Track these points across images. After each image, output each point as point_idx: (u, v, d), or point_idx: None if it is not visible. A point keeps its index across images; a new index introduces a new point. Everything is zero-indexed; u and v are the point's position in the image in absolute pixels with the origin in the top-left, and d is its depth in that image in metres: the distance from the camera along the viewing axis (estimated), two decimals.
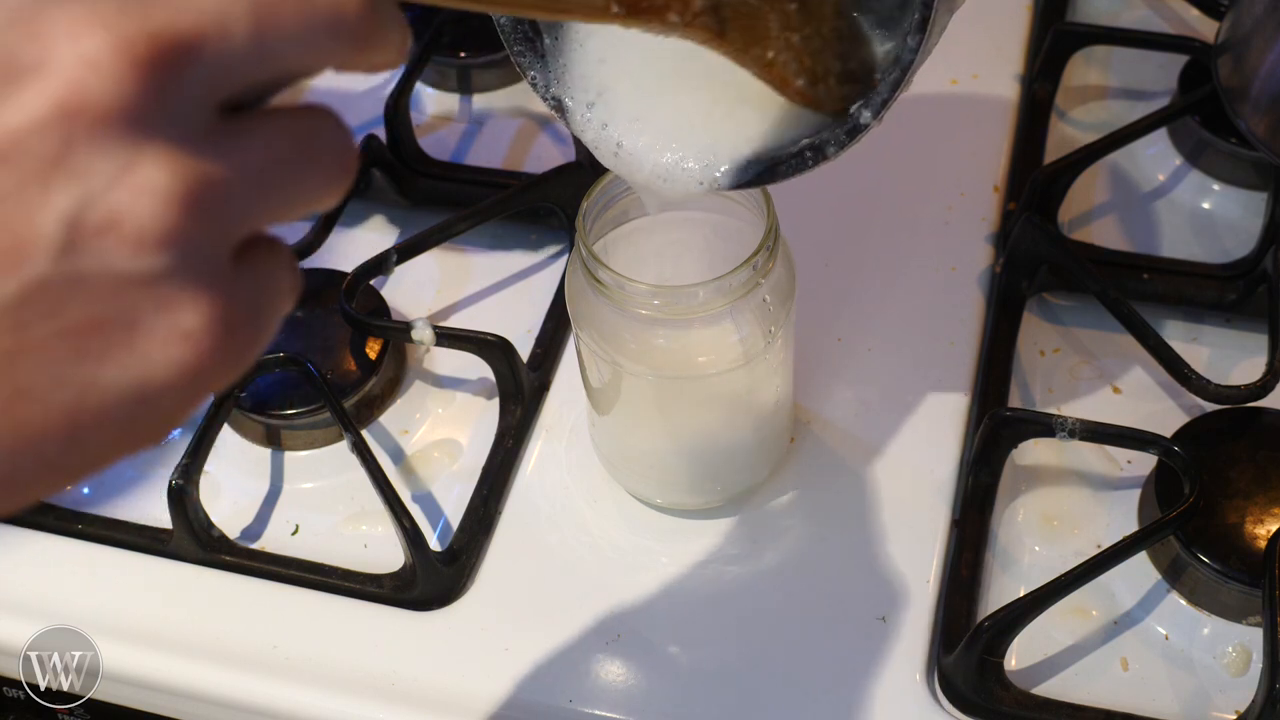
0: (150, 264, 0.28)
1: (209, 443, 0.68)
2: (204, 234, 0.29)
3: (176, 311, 0.29)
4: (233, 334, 0.30)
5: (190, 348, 0.30)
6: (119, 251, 0.28)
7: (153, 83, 0.28)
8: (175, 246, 0.28)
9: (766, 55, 0.46)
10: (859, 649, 0.63)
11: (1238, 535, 0.63)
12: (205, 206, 0.29)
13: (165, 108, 0.28)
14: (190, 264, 0.29)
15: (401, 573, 0.66)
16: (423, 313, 0.78)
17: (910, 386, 0.72)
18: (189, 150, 0.29)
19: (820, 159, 0.49)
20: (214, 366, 0.30)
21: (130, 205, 0.28)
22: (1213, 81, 0.77)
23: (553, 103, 0.53)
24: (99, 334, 0.29)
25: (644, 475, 0.68)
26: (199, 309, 0.29)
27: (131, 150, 0.28)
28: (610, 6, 0.38)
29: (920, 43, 0.45)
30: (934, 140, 0.82)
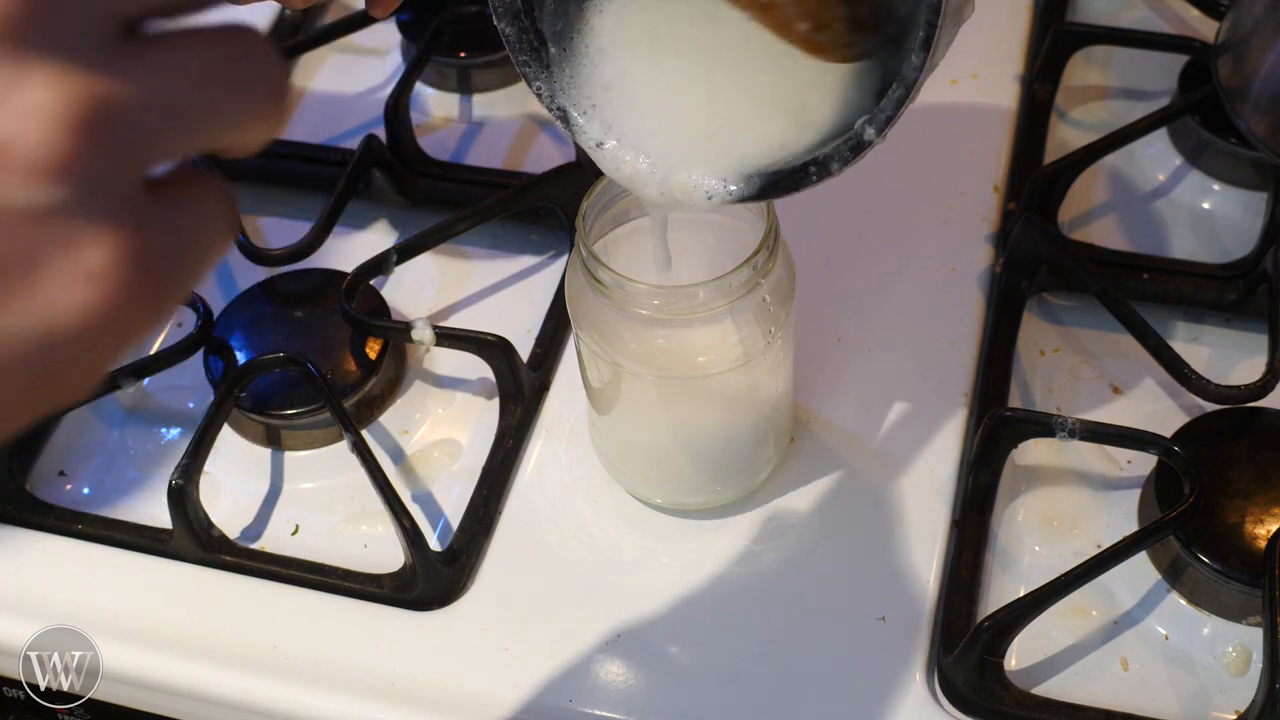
0: (45, 195, 0.26)
1: (209, 443, 0.68)
2: (106, 161, 0.26)
3: (79, 248, 0.26)
4: (147, 273, 0.27)
5: (97, 288, 0.27)
6: (7, 182, 0.25)
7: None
8: (73, 176, 0.26)
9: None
10: (859, 649, 0.63)
11: (1238, 535, 0.63)
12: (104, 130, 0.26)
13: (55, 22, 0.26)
14: (93, 195, 0.26)
15: (401, 573, 0.66)
16: (423, 313, 0.78)
17: (910, 386, 0.72)
18: (83, 69, 0.26)
19: (825, 175, 0.48)
20: (127, 309, 0.27)
21: (16, 130, 0.25)
22: (1213, 81, 0.77)
23: (558, 113, 0.53)
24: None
25: (644, 475, 0.68)
26: (104, 245, 0.27)
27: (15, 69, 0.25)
28: None
29: (924, 60, 0.45)
30: (934, 140, 0.82)
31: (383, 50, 0.93)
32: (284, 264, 0.76)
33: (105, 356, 0.28)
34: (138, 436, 0.74)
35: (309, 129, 0.88)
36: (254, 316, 0.75)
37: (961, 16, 0.49)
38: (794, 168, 0.49)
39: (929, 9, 0.44)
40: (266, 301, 0.76)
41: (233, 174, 0.81)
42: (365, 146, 0.80)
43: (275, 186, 0.85)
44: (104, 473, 0.73)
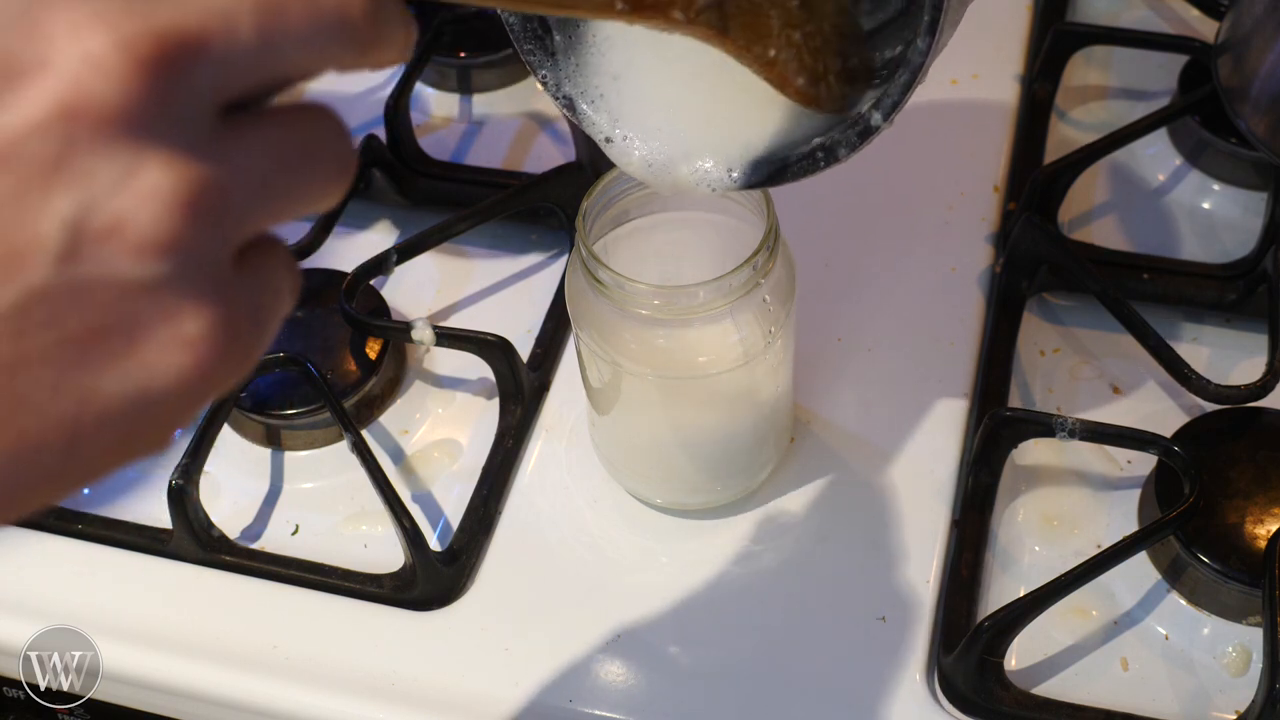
0: (153, 270, 0.28)
1: (209, 443, 0.68)
2: (206, 239, 0.29)
3: (179, 318, 0.29)
4: (235, 339, 0.30)
5: (192, 354, 0.29)
6: (121, 258, 0.27)
7: (156, 84, 0.27)
8: (178, 252, 0.28)
9: (768, 53, 0.46)
10: (859, 649, 0.63)
11: (1238, 535, 0.63)
12: (208, 211, 0.28)
13: (168, 109, 0.28)
14: (192, 269, 0.28)
15: (401, 573, 0.66)
16: (423, 313, 0.78)
17: (910, 386, 0.72)
18: (192, 153, 0.28)
19: (832, 160, 0.49)
20: (216, 372, 0.30)
21: (133, 210, 0.27)
22: (1213, 81, 0.77)
23: (564, 101, 0.53)
24: (100, 341, 0.28)
25: (644, 475, 0.68)
26: (201, 315, 0.29)
27: (134, 153, 0.27)
28: (615, 3, 0.38)
29: (930, 45, 0.45)
30: (934, 140, 0.82)
31: None
32: None
33: (189, 414, 0.31)
34: None
35: None
36: None
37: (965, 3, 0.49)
38: (802, 153, 0.49)
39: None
40: None
41: None
42: (365, 146, 0.80)
43: None
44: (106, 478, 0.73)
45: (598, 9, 0.38)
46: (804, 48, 0.47)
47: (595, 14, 0.39)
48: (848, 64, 0.50)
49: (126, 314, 0.28)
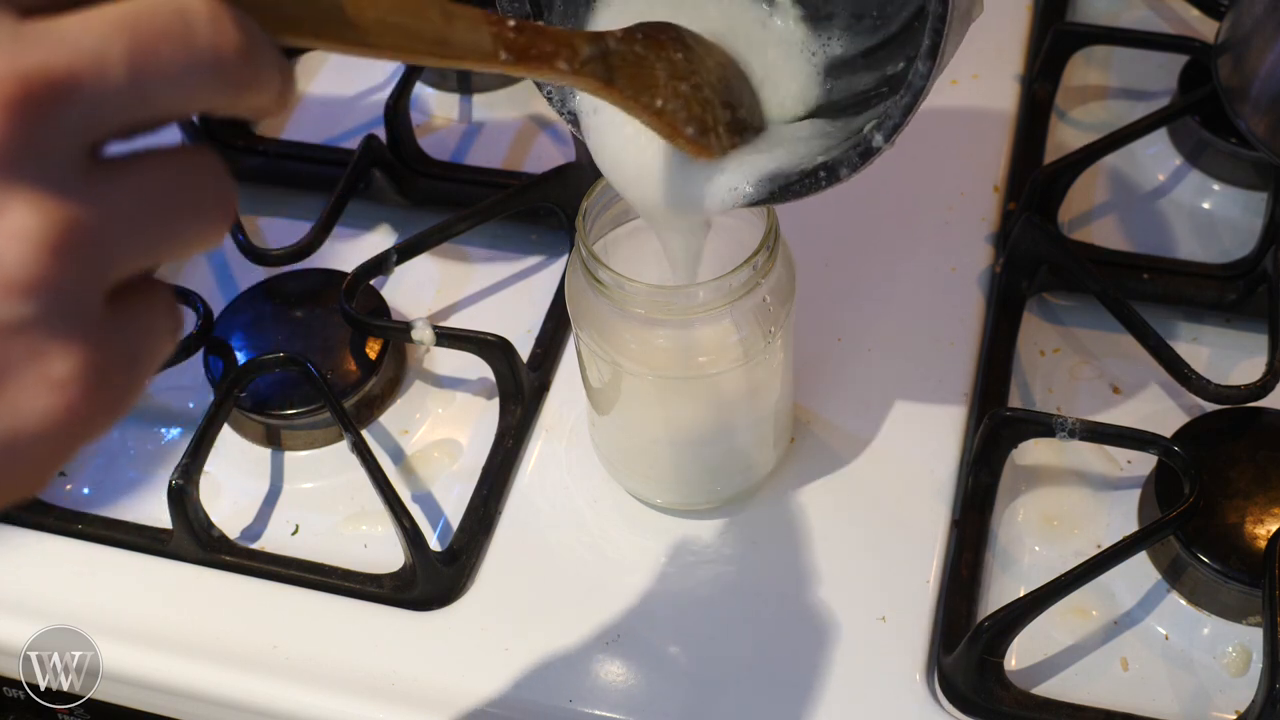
0: (18, 312, 0.27)
1: (209, 443, 0.68)
2: (74, 280, 0.28)
3: (46, 359, 0.28)
4: (106, 381, 0.29)
5: (61, 397, 0.28)
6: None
7: (23, 125, 0.27)
8: (44, 293, 0.27)
9: (655, 103, 0.47)
10: (859, 649, 0.63)
11: (1238, 535, 0.63)
12: (76, 251, 0.28)
13: (35, 150, 0.27)
14: (61, 310, 0.28)
15: (401, 573, 0.66)
16: (423, 313, 0.78)
17: (910, 386, 0.72)
18: (60, 194, 0.28)
19: (834, 180, 0.49)
20: (87, 415, 0.29)
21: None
22: (1213, 81, 0.77)
23: (569, 117, 0.53)
24: None
25: (644, 475, 0.68)
26: (70, 357, 0.28)
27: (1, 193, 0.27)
28: (499, 53, 0.39)
29: (931, 69, 0.45)
30: (934, 140, 0.82)
31: None
32: (284, 264, 0.76)
33: (60, 457, 0.30)
34: (138, 436, 0.74)
35: (309, 129, 0.88)
36: (254, 316, 0.75)
37: (970, 17, 0.49)
38: (804, 172, 0.50)
39: (935, 18, 0.44)
40: (266, 301, 0.76)
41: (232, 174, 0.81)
42: (365, 146, 0.80)
43: (275, 186, 0.85)
44: (104, 473, 0.73)
45: (481, 59, 0.38)
46: (691, 98, 0.48)
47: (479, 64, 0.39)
48: (736, 115, 0.51)
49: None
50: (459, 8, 0.37)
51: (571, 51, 0.42)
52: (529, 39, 0.40)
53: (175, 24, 0.29)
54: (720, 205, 0.51)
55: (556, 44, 0.42)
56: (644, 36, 0.47)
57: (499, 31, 0.39)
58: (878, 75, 0.53)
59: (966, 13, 0.48)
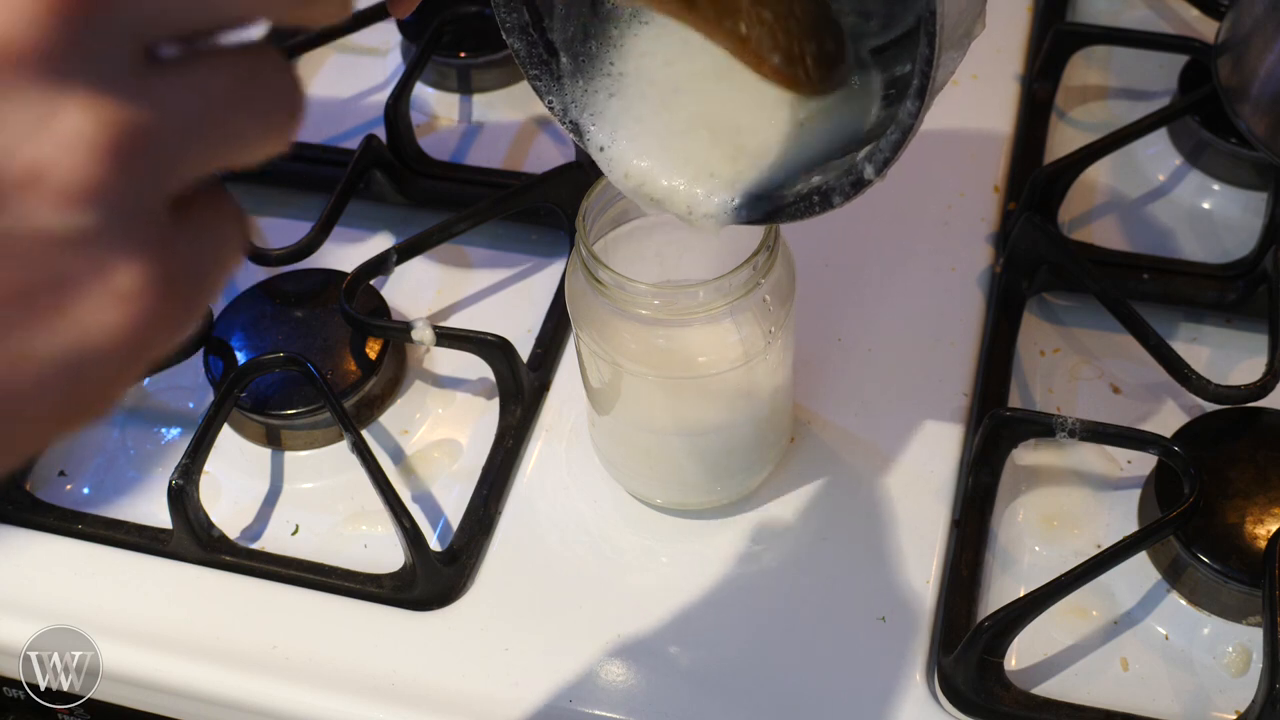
0: (78, 221, 0.26)
1: (209, 443, 0.68)
2: (135, 185, 0.27)
3: (110, 272, 0.27)
4: (173, 293, 0.28)
5: (127, 310, 0.27)
6: (42, 207, 0.26)
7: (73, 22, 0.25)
8: (104, 201, 0.26)
9: (739, 29, 0.45)
10: (859, 649, 0.63)
11: (1238, 535, 0.63)
12: (134, 155, 0.26)
13: (88, 49, 0.26)
14: (122, 219, 0.27)
15: (401, 573, 0.66)
16: (423, 313, 0.78)
17: (910, 386, 0.72)
18: (115, 95, 0.26)
19: (827, 206, 0.49)
20: (154, 329, 0.28)
21: (53, 157, 0.25)
22: (1213, 81, 0.77)
23: (570, 127, 0.53)
24: (27, 299, 0.26)
25: (644, 475, 0.68)
26: (134, 268, 0.27)
27: (51, 96, 0.25)
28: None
29: (919, 108, 0.45)
30: (934, 140, 0.82)
31: (383, 50, 0.93)
32: (284, 264, 0.76)
33: (129, 375, 0.29)
34: (138, 436, 0.74)
35: (309, 129, 0.88)
36: (254, 316, 0.75)
37: (971, 36, 0.49)
38: (799, 194, 0.50)
39: (922, 60, 0.44)
40: (266, 301, 0.76)
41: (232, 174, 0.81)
42: (365, 146, 0.80)
43: (275, 186, 0.85)
44: (104, 473, 0.73)
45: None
46: (776, 26, 0.47)
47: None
48: (824, 47, 0.49)
49: (53, 269, 0.26)
50: None
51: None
52: None
53: None
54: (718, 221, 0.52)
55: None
56: None
57: None
58: (886, 76, 0.53)
59: (967, 33, 0.48)
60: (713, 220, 0.52)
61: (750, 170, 0.51)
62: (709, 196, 0.51)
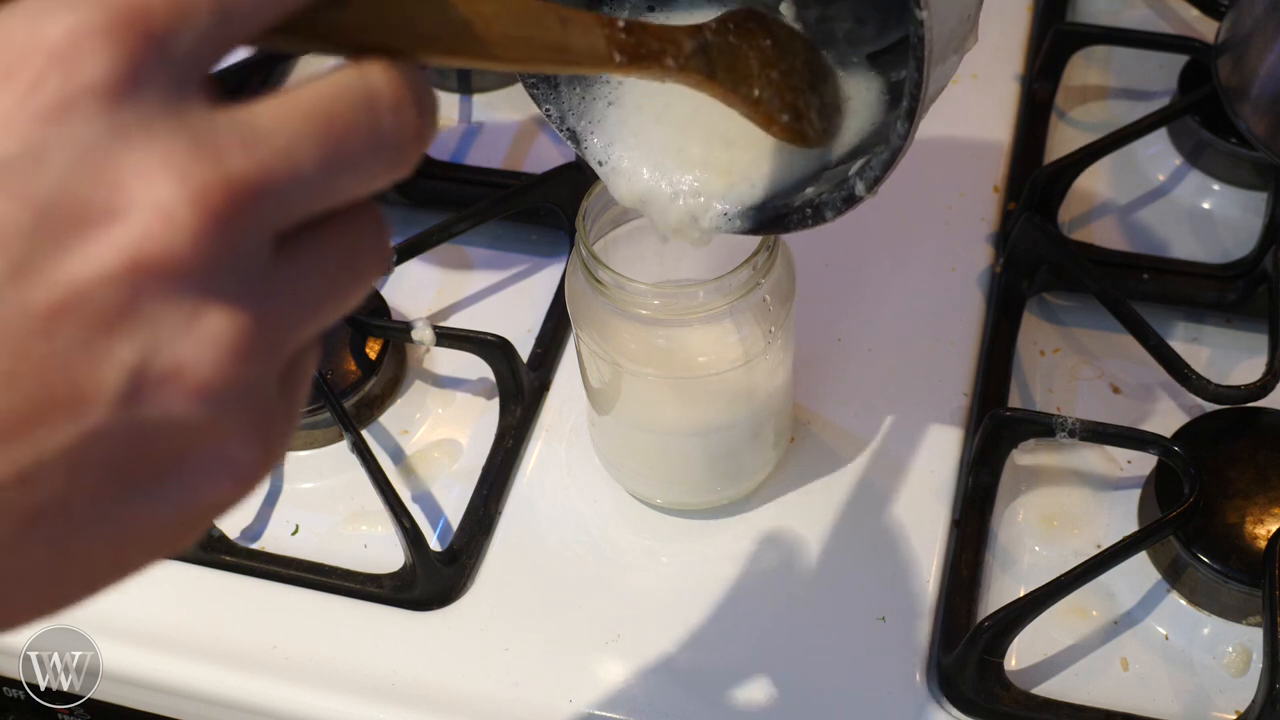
0: (207, 413, 0.28)
1: None
2: (256, 375, 0.29)
3: (223, 449, 0.29)
4: (270, 453, 0.30)
5: (235, 477, 0.30)
6: (178, 401, 0.28)
7: (224, 234, 0.27)
8: (231, 394, 0.28)
9: (753, 93, 0.47)
10: (859, 649, 0.63)
11: (1238, 535, 0.63)
12: (260, 351, 0.29)
13: (232, 256, 0.28)
14: (244, 403, 0.29)
15: (401, 573, 0.66)
16: (423, 313, 0.78)
17: (910, 386, 0.72)
18: (250, 295, 0.28)
19: (820, 220, 0.49)
20: (250, 484, 0.30)
21: (193, 357, 0.27)
22: (1213, 81, 0.77)
23: (568, 135, 0.54)
24: (150, 473, 0.29)
25: (644, 475, 0.68)
26: (243, 444, 0.29)
27: (197, 301, 0.27)
28: (613, 55, 0.39)
29: (909, 129, 0.45)
30: (934, 140, 0.82)
31: None
32: None
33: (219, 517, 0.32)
34: None
35: None
36: None
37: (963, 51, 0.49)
38: (793, 207, 0.50)
39: (911, 84, 0.44)
40: None
41: None
42: None
43: None
44: None
45: (597, 63, 0.39)
46: (783, 85, 0.49)
47: (595, 68, 0.39)
48: (824, 100, 0.51)
49: (177, 449, 0.29)
50: (574, 13, 0.37)
51: (677, 48, 0.43)
52: (638, 39, 0.40)
53: (363, 116, 0.29)
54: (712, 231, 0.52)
55: (662, 42, 0.42)
56: (735, 26, 0.47)
57: (611, 34, 0.39)
58: (882, 81, 0.53)
59: (959, 49, 0.49)
60: (707, 231, 0.52)
61: (745, 181, 0.51)
62: (704, 207, 0.51)
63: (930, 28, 0.42)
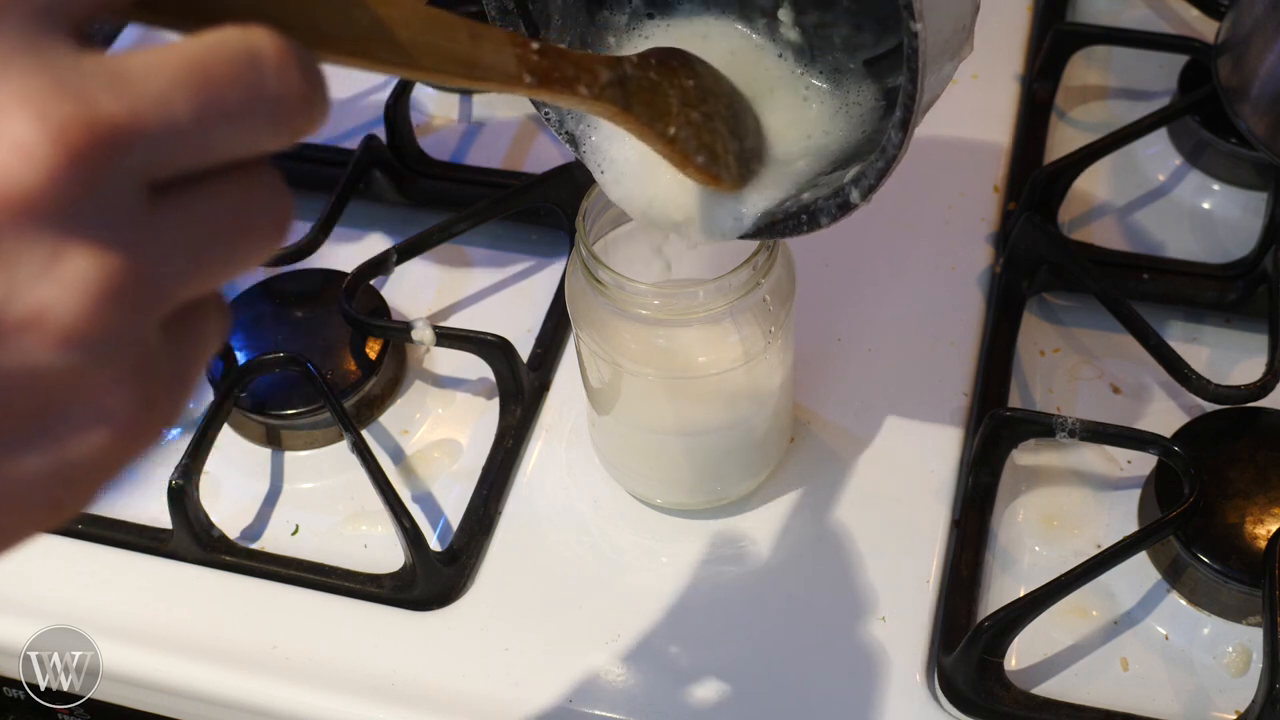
0: (72, 360, 0.27)
1: (209, 443, 0.68)
2: (128, 323, 0.27)
3: (97, 399, 0.28)
4: (155, 408, 0.29)
5: (111, 431, 0.28)
6: (40, 348, 0.26)
7: (85, 172, 0.26)
8: (97, 341, 0.27)
9: (669, 131, 0.47)
10: (859, 649, 0.63)
11: (1238, 535, 0.63)
12: (132, 297, 0.27)
13: (95, 197, 0.26)
14: (113, 353, 0.27)
15: (401, 573, 0.66)
16: (423, 313, 0.78)
17: (910, 386, 0.72)
18: (118, 239, 0.27)
19: (815, 226, 0.50)
20: (135, 441, 0.29)
21: (54, 300, 0.26)
22: (1213, 81, 0.77)
23: (566, 138, 0.54)
24: (16, 426, 0.27)
25: (644, 475, 0.68)
26: (120, 394, 0.28)
27: (58, 241, 0.26)
28: (523, 76, 0.39)
29: (903, 139, 0.45)
30: (934, 140, 0.82)
31: None
32: (284, 264, 0.76)
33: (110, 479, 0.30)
34: None
35: None
36: (254, 316, 0.75)
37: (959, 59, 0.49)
38: (789, 213, 0.50)
39: (905, 95, 0.44)
40: (266, 301, 0.76)
41: None
42: (365, 146, 0.80)
43: None
44: None
45: (506, 81, 0.38)
46: (702, 126, 0.48)
47: (504, 87, 0.39)
48: (744, 145, 0.51)
49: (43, 399, 0.27)
50: (486, 29, 0.37)
51: (592, 76, 0.42)
52: (551, 62, 0.40)
53: (245, 72, 0.28)
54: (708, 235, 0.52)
55: (578, 68, 0.42)
56: (657, 62, 0.47)
57: (523, 54, 0.38)
58: (878, 87, 0.53)
59: (954, 56, 0.49)
60: (705, 236, 0.52)
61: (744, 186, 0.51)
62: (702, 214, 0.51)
63: (924, 39, 0.43)
